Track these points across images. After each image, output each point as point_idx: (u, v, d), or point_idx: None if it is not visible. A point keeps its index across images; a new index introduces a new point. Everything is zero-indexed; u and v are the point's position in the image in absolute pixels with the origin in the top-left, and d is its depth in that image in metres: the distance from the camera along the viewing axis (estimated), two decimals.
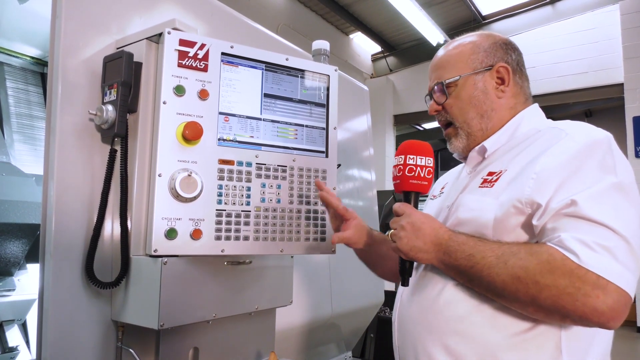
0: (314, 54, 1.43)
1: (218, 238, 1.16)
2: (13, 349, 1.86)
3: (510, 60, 1.22)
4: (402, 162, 1.13)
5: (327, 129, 1.36)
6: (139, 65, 1.19)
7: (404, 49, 8.79)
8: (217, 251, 1.16)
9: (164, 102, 1.12)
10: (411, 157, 1.12)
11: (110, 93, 1.18)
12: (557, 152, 1.01)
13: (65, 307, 1.12)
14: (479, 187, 1.12)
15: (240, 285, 1.28)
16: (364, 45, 8.74)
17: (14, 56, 2.53)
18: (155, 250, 1.09)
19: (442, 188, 1.37)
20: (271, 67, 1.28)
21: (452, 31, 7.53)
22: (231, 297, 1.26)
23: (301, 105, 1.33)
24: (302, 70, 1.33)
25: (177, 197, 1.11)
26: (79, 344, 1.14)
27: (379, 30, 8.18)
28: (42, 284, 1.12)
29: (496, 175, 1.10)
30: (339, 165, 1.40)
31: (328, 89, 1.37)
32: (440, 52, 1.29)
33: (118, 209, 1.17)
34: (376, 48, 8.83)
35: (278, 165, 1.27)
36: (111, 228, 1.21)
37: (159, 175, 1.10)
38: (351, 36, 8.41)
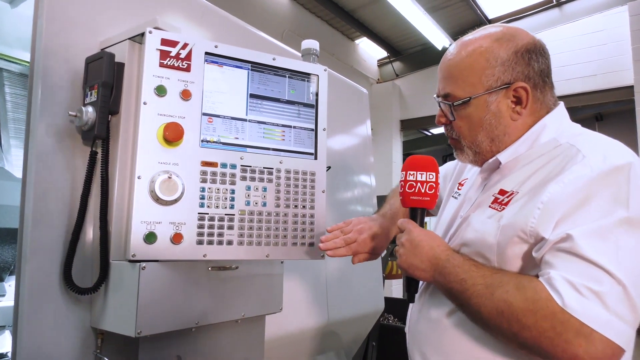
0: (303, 53, 1.39)
1: (200, 242, 1.12)
2: (3, 355, 1.83)
3: (532, 73, 1.06)
4: (403, 178, 1.13)
5: (316, 130, 1.32)
6: (121, 65, 1.17)
7: (410, 53, 8.75)
8: (199, 256, 1.12)
9: (145, 103, 1.09)
10: (411, 173, 1.11)
11: (91, 94, 1.16)
12: (567, 180, 0.93)
13: (41, 313, 1.09)
14: (489, 206, 1.06)
15: (225, 292, 1.24)
16: (369, 51, 8.71)
17: (12, 62, 2.54)
18: (134, 255, 1.05)
19: (462, 184, 1.30)
20: (257, 67, 1.25)
21: (458, 35, 7.43)
22: (215, 304, 1.22)
23: (289, 106, 1.29)
24: (290, 70, 1.30)
25: (157, 200, 1.08)
26: (56, 352, 1.11)
27: (385, 35, 8.15)
28: (18, 289, 1.09)
29: (507, 197, 1.03)
30: (328, 168, 1.36)
31: (317, 89, 1.33)
32: (452, 54, 1.13)
33: (98, 213, 1.14)
34: (382, 53, 8.79)
35: (264, 168, 1.23)
36: (92, 232, 1.18)
37: (139, 178, 1.07)
38: (357, 42, 8.39)
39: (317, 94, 1.33)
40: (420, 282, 1.18)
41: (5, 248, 1.93)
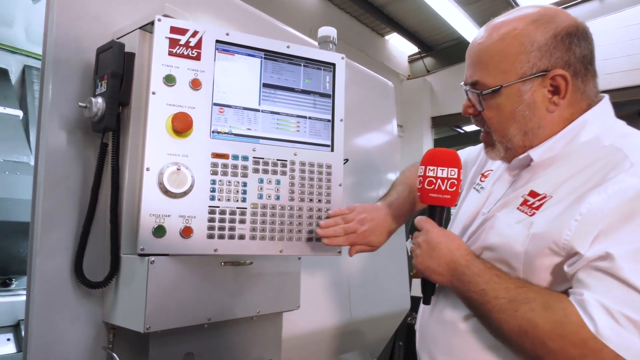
0: (319, 41, 1.34)
1: (211, 236, 1.08)
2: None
3: (573, 59, 0.95)
4: (422, 174, 1.05)
5: (333, 121, 1.27)
6: (131, 55, 1.14)
7: (442, 49, 8.56)
8: (210, 250, 1.09)
9: (153, 93, 1.06)
10: (431, 168, 1.03)
11: (101, 85, 1.14)
12: (611, 191, 0.83)
13: (52, 308, 1.08)
14: (518, 207, 0.96)
15: (239, 288, 1.21)
16: (399, 47, 8.57)
17: (40, 59, 2.58)
18: (142, 249, 1.02)
19: (486, 175, 1.20)
20: (271, 55, 1.20)
21: None
22: (228, 300, 1.18)
23: (304, 95, 1.24)
24: (305, 59, 1.24)
25: (166, 192, 1.05)
26: (67, 346, 1.09)
27: (415, 30, 8.00)
28: (29, 283, 1.08)
29: (539, 200, 0.93)
30: (346, 160, 1.30)
31: (334, 78, 1.28)
32: (482, 37, 1.02)
33: (109, 205, 1.12)
34: (413, 49, 8.64)
35: (278, 160, 1.18)
36: (103, 225, 1.16)
37: (147, 169, 1.04)
38: (386, 37, 8.27)
39: (334, 83, 1.28)
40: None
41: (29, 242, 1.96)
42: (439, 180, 1.01)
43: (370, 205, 1.24)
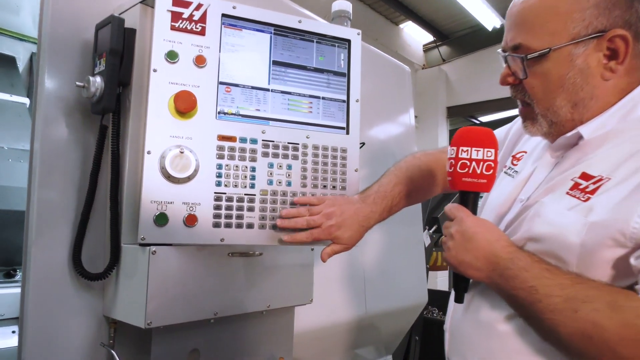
0: (334, 16, 1.25)
1: (217, 225, 1.01)
2: None
3: (635, 18, 0.84)
4: (453, 155, 0.92)
5: (348, 101, 1.18)
6: (131, 32, 1.07)
7: (458, 37, 8.38)
8: (216, 240, 1.01)
9: (154, 70, 0.98)
10: (464, 149, 0.90)
11: (100, 63, 1.06)
12: None
13: (49, 301, 1.02)
14: (567, 192, 0.84)
15: (248, 280, 1.13)
16: (414, 35, 8.40)
17: None
18: (143, 238, 0.95)
19: (518, 158, 1.08)
20: (281, 30, 1.12)
21: None
22: (236, 293, 1.11)
23: (317, 74, 1.15)
24: (318, 34, 1.15)
25: (168, 177, 0.97)
26: (65, 341, 1.03)
27: (431, 18, 7.83)
28: (24, 275, 1.02)
29: (594, 183, 0.82)
30: (362, 144, 1.21)
31: (349, 55, 1.19)
32: None
33: (109, 192, 1.05)
34: (428, 38, 8.47)
35: (289, 143, 1.10)
36: (102, 213, 1.09)
37: (148, 153, 0.97)
38: (401, 26, 8.10)
39: (349, 61, 1.18)
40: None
41: None
42: (474, 163, 0.89)
43: (342, 198, 1.09)
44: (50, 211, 1.03)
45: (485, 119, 10.85)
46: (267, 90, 1.09)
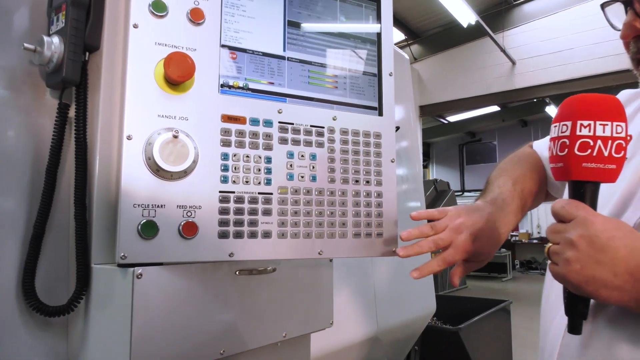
0: None
1: (224, 235, 0.75)
2: None
3: None
4: (567, 134, 0.67)
5: (380, 75, 0.94)
6: None
7: (430, 35, 8.33)
8: (223, 255, 0.75)
9: (135, 26, 0.72)
10: (585, 123, 0.66)
11: (57, 20, 0.79)
12: None
13: None
14: None
15: (260, 305, 0.87)
16: None
17: None
18: (124, 257, 0.68)
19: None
20: None
21: (482, 14, 7.03)
22: (247, 322, 0.85)
23: (342, 40, 0.91)
24: None
25: (157, 171, 0.71)
26: None
27: (402, 17, 7.74)
28: None
29: None
30: (397, 128, 0.98)
31: (379, 17, 0.95)
32: None
33: (72, 194, 0.77)
34: (399, 36, 8.38)
35: (312, 126, 0.85)
36: (64, 223, 0.81)
37: (128, 138, 0.70)
38: None
39: (380, 25, 0.95)
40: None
41: None
42: (599, 142, 0.65)
43: (466, 207, 0.91)
44: None
45: (452, 118, 10.89)
46: (283, 58, 0.84)
